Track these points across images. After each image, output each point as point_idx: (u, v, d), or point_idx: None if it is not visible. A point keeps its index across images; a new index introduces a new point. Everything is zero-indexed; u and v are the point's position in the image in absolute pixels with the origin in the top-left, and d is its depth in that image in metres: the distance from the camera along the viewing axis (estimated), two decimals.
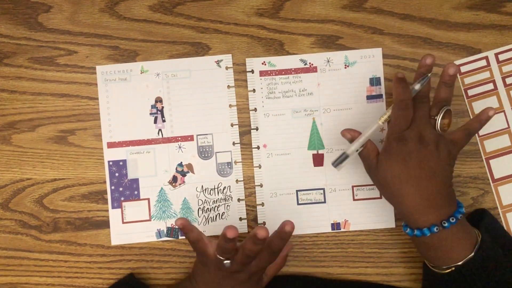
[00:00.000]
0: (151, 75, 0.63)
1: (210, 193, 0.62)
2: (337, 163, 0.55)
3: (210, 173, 0.62)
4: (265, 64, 0.62)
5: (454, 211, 0.52)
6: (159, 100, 0.63)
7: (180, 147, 0.62)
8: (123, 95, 0.63)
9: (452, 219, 0.51)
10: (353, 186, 0.62)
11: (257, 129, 0.62)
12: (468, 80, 0.63)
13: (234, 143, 0.62)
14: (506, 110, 0.62)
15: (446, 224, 0.50)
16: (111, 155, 0.62)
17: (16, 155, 0.63)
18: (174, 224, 0.60)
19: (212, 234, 0.62)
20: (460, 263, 0.50)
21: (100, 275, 0.62)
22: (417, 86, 0.53)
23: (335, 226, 0.62)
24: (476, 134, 0.62)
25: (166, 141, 0.62)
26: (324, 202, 0.62)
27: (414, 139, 0.52)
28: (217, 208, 0.62)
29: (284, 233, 0.50)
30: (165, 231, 0.62)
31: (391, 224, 0.62)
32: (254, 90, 0.62)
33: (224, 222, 0.62)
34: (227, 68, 0.63)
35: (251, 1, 0.63)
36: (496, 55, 0.63)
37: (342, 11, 0.63)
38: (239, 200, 0.62)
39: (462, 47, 0.63)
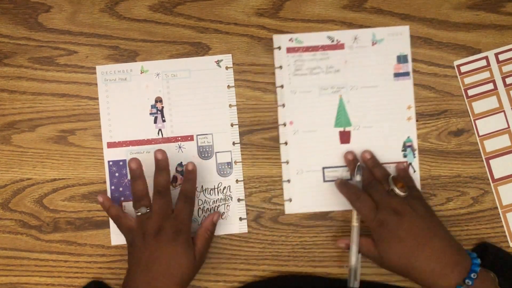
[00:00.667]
0: (151, 75, 0.63)
1: (210, 193, 0.62)
2: (353, 280, 0.55)
3: (210, 173, 0.62)
4: (292, 41, 0.62)
5: (471, 264, 0.52)
6: (159, 100, 0.63)
7: (180, 147, 0.62)
8: (123, 95, 0.63)
9: (474, 275, 0.51)
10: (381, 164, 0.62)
11: (283, 106, 0.62)
12: (468, 80, 0.63)
13: (234, 143, 0.62)
14: (506, 110, 0.62)
15: (470, 283, 0.50)
16: (111, 155, 0.62)
17: (16, 155, 0.63)
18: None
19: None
20: None
21: (100, 275, 0.62)
22: (358, 178, 0.58)
23: None
24: (476, 134, 0.62)
25: (166, 141, 0.62)
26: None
27: (390, 217, 0.54)
28: (217, 208, 0.62)
29: (188, 172, 0.58)
30: None
31: None
32: (281, 67, 0.62)
33: (224, 222, 0.62)
34: (227, 68, 0.63)
35: (251, 1, 0.63)
36: (496, 55, 0.63)
37: (342, 11, 0.63)
38: (239, 200, 0.62)
39: (462, 47, 0.63)
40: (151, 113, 0.63)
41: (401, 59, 0.62)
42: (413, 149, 0.62)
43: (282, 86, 0.62)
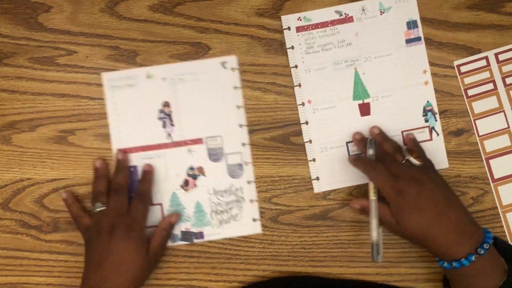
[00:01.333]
0: (158, 79, 0.63)
1: (222, 195, 0.62)
2: (375, 254, 0.55)
3: (221, 175, 0.62)
4: (300, 20, 0.62)
5: (484, 237, 0.52)
6: (166, 104, 0.62)
7: (190, 151, 0.62)
8: (131, 101, 0.62)
9: (486, 246, 0.51)
10: (402, 132, 0.62)
11: (299, 85, 0.62)
12: (468, 80, 0.63)
13: (243, 144, 0.62)
14: (506, 110, 0.62)
15: (482, 252, 0.51)
16: None
17: (16, 155, 0.63)
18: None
19: (226, 236, 0.62)
20: None
21: None
22: (370, 151, 0.57)
23: None
24: (476, 134, 0.62)
25: (175, 145, 0.62)
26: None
27: (410, 186, 0.54)
28: (230, 210, 0.62)
29: (144, 173, 0.60)
30: (179, 235, 0.62)
31: (445, 164, 0.62)
32: (292, 47, 0.62)
33: (237, 224, 0.62)
34: (232, 69, 0.63)
35: (251, 1, 0.63)
36: (496, 55, 0.63)
37: None
38: (251, 201, 0.62)
39: (462, 47, 0.63)
40: (159, 118, 0.63)
41: (411, 25, 0.62)
42: (433, 112, 0.62)
43: (296, 66, 0.62)
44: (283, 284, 0.61)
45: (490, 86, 0.63)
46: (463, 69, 0.63)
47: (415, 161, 0.55)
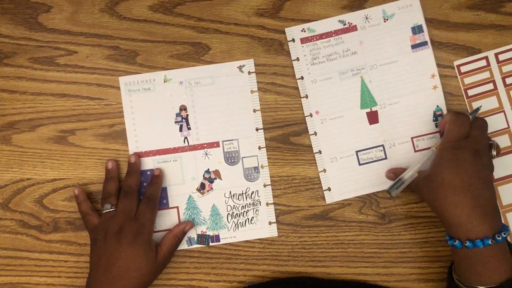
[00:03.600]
0: (175, 83, 0.63)
1: (238, 198, 0.62)
2: (393, 188, 0.55)
3: (238, 178, 0.62)
4: (304, 31, 0.62)
5: (502, 227, 0.52)
6: (183, 108, 0.63)
7: (206, 154, 0.62)
8: (148, 105, 0.63)
9: (504, 234, 0.51)
10: (412, 138, 0.62)
11: (306, 97, 0.62)
12: (468, 80, 0.63)
13: (260, 148, 0.63)
14: (506, 110, 0.62)
15: (499, 238, 0.50)
16: None
17: (16, 155, 0.63)
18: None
19: (242, 239, 0.62)
20: (498, 284, 0.50)
21: None
22: (470, 117, 0.57)
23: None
24: None
25: (192, 148, 0.62)
26: (386, 158, 0.61)
27: (471, 150, 0.53)
28: (246, 213, 0.62)
29: (153, 177, 0.60)
30: (195, 238, 0.62)
31: None
32: (298, 59, 0.62)
33: (253, 227, 0.62)
34: (249, 73, 0.63)
35: (251, 1, 0.63)
36: (496, 55, 0.63)
37: (342, 11, 0.63)
38: (267, 204, 0.62)
39: (462, 47, 0.63)
40: (176, 122, 0.63)
41: (416, 30, 0.62)
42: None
43: (302, 78, 0.62)
44: (284, 285, 0.61)
45: (490, 86, 0.63)
46: (463, 69, 0.63)
47: (494, 152, 0.56)
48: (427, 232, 0.62)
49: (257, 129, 0.63)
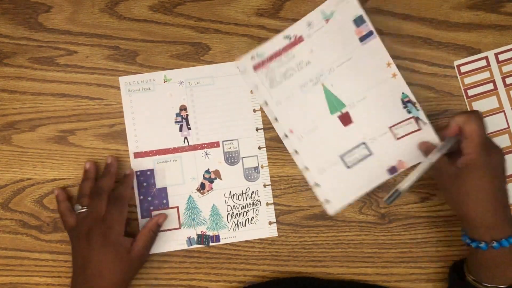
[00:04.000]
0: (174, 83, 0.63)
1: (238, 198, 0.62)
2: (391, 200, 0.55)
3: (238, 178, 0.62)
4: (254, 58, 0.61)
5: None
6: (183, 108, 0.63)
7: (206, 154, 0.62)
8: (148, 105, 0.63)
9: None
10: (390, 127, 0.61)
11: (276, 120, 0.62)
12: (468, 80, 0.63)
13: (260, 148, 0.63)
14: (506, 110, 0.62)
15: None
16: (138, 165, 0.62)
17: (16, 155, 0.63)
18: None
19: (242, 239, 0.62)
20: None
21: None
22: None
23: (392, 170, 0.61)
24: None
25: (192, 148, 0.62)
26: (371, 154, 0.61)
27: (501, 152, 0.54)
28: (246, 213, 0.62)
29: (124, 176, 0.60)
30: (195, 238, 0.62)
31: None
32: (257, 87, 0.62)
33: (253, 227, 0.62)
34: None
35: (251, 1, 0.63)
36: (496, 55, 0.63)
37: None
38: (267, 204, 0.62)
39: (462, 47, 0.63)
40: (176, 122, 0.63)
41: (358, 21, 0.60)
42: (412, 102, 0.61)
43: (266, 103, 0.62)
44: (283, 285, 0.61)
45: (490, 86, 0.63)
46: (463, 69, 0.63)
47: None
48: (427, 232, 0.62)
49: (257, 129, 0.63)
